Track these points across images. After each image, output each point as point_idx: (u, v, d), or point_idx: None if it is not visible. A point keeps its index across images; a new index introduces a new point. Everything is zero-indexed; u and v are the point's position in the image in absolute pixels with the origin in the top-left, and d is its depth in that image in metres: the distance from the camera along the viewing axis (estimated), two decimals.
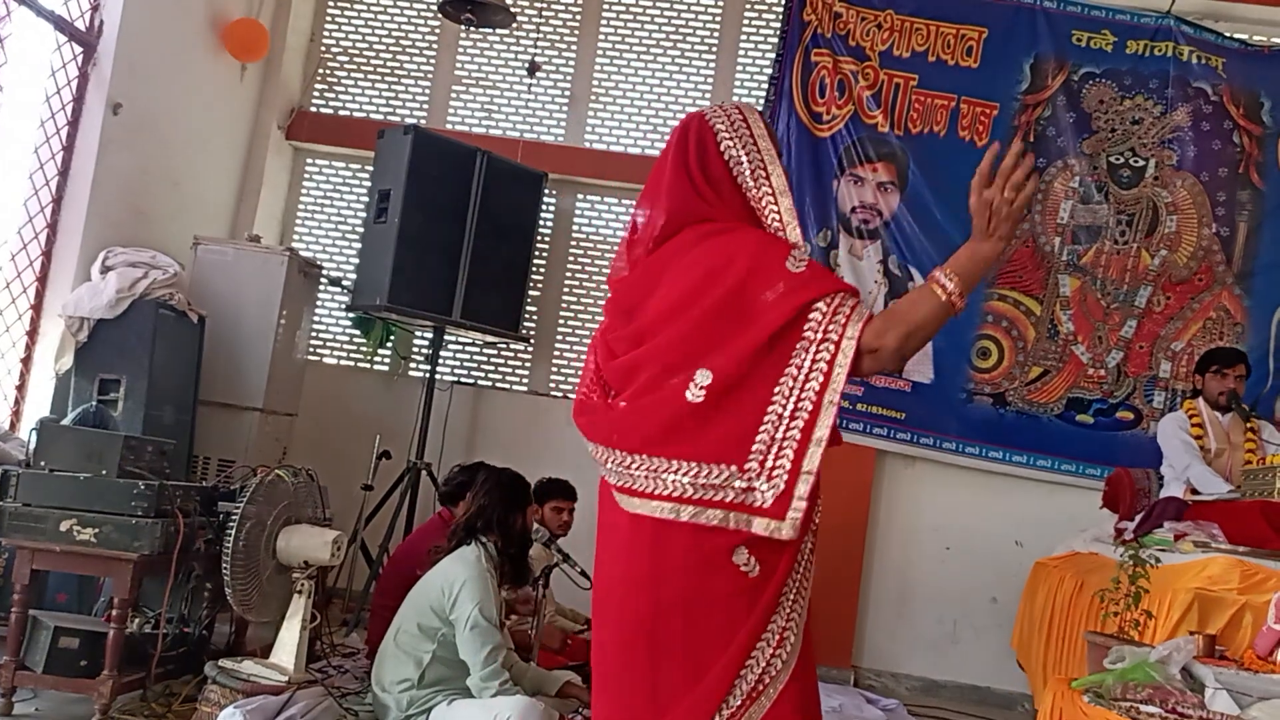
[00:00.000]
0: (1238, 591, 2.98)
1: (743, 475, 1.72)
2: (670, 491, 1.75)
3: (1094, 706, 2.31)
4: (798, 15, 5.30)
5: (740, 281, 1.77)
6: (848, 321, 1.73)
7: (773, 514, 1.71)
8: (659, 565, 1.79)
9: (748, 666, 1.74)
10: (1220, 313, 5.10)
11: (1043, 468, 5.09)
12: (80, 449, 3.28)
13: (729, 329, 1.76)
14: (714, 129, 1.91)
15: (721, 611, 1.75)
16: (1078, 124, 5.21)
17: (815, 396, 1.72)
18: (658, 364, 1.82)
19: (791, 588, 1.78)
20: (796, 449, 1.72)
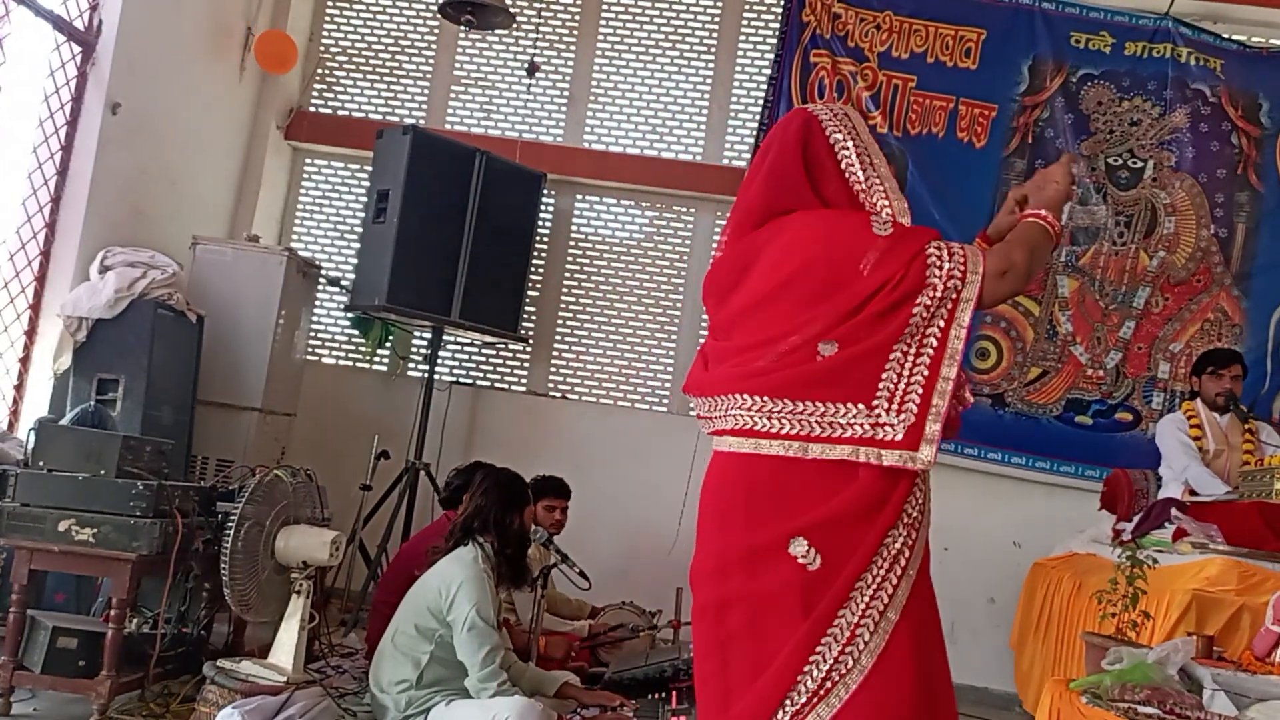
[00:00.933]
0: (1235, 593, 2.98)
1: (870, 412, 1.73)
2: (798, 430, 1.75)
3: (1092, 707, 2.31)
4: (796, 16, 5.31)
5: (828, 253, 1.80)
6: (967, 259, 1.76)
7: (905, 445, 1.73)
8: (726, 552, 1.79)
9: (812, 663, 1.70)
10: (1218, 314, 5.10)
11: (1042, 469, 5.10)
12: (79, 449, 3.28)
13: (831, 298, 1.77)
14: (819, 118, 1.95)
15: (782, 604, 1.72)
16: (1076, 125, 5.22)
17: (940, 332, 1.75)
18: (754, 344, 1.84)
19: (869, 584, 1.73)
20: (925, 383, 1.74)
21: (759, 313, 1.86)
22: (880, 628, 1.72)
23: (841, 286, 1.77)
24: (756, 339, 1.85)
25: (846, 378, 1.74)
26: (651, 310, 5.64)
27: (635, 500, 5.25)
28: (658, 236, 5.69)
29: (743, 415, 1.81)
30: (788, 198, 1.91)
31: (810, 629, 1.70)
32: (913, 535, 1.79)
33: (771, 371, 1.80)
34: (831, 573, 1.71)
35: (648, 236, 5.72)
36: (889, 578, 1.74)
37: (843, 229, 1.83)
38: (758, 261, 1.89)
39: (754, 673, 1.73)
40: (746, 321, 1.89)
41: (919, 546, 1.81)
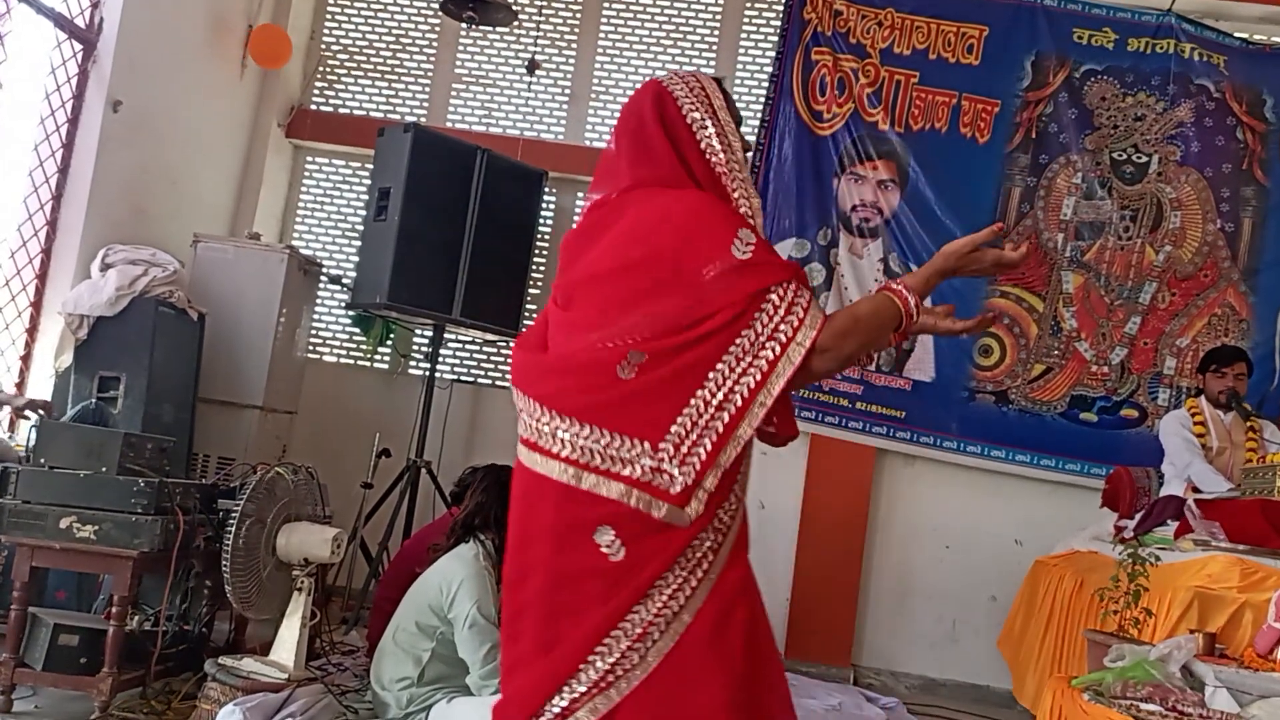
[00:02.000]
0: (1238, 590, 2.98)
1: (655, 455, 1.64)
2: (576, 456, 1.67)
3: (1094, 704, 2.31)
4: (798, 13, 5.30)
5: (676, 249, 1.71)
6: (801, 324, 1.66)
7: (677, 500, 1.64)
8: (529, 527, 1.75)
9: (597, 654, 1.65)
10: (1225, 309, 5.09)
11: (1047, 467, 5.07)
12: (80, 446, 3.28)
13: (665, 299, 1.69)
14: (673, 93, 1.86)
15: (579, 588, 1.68)
16: (1080, 120, 5.21)
17: (747, 394, 1.65)
18: (588, 324, 1.75)
19: (670, 583, 1.66)
20: (715, 441, 1.65)
21: (596, 287, 1.78)
22: (672, 628, 1.66)
23: (678, 291, 1.68)
24: (589, 318, 1.76)
25: (642, 409, 1.66)
26: None
27: None
28: None
29: (531, 424, 1.75)
30: (653, 167, 1.82)
31: (602, 620, 1.65)
32: (719, 539, 1.71)
33: (569, 388, 1.72)
34: (634, 567, 1.66)
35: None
36: (689, 580, 1.68)
37: (704, 228, 1.72)
38: (607, 232, 1.81)
39: (540, 649, 1.70)
40: (584, 294, 1.80)
41: (724, 550, 1.73)
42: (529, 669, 1.71)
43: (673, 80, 1.88)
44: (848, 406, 5.16)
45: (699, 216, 1.74)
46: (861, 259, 5.23)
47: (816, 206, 5.25)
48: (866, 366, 5.17)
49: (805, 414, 5.17)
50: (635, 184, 1.82)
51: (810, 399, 5.16)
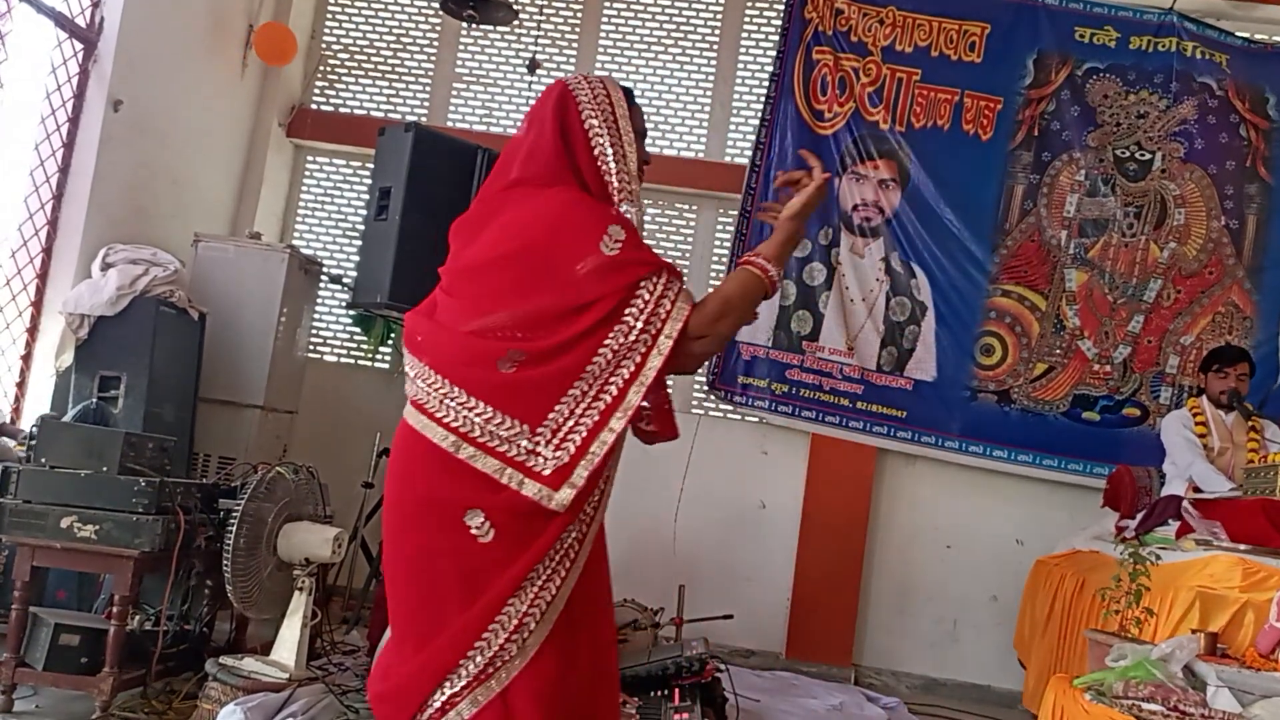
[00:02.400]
0: (1239, 590, 2.98)
1: (532, 437, 1.71)
2: (459, 425, 1.73)
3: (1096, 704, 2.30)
4: (799, 13, 5.30)
5: (548, 245, 1.77)
6: (669, 316, 1.74)
7: (549, 482, 1.70)
8: (403, 494, 1.80)
9: (477, 648, 1.71)
10: (1230, 307, 5.07)
11: (1049, 467, 5.06)
12: (81, 446, 3.28)
13: (538, 295, 1.75)
14: (576, 99, 1.91)
15: (448, 568, 1.73)
16: (1082, 117, 5.20)
17: (621, 386, 1.73)
18: (466, 313, 1.81)
19: (542, 574, 1.73)
20: (590, 430, 1.72)
21: (475, 279, 1.84)
22: (546, 618, 1.74)
23: (551, 286, 1.75)
24: (466, 308, 1.82)
25: (522, 395, 1.73)
26: None
27: (637, 497, 5.23)
28: (659, 233, 5.68)
29: (422, 388, 1.80)
30: (542, 167, 1.87)
31: (479, 614, 1.71)
32: (584, 529, 1.79)
33: (460, 360, 1.78)
34: (505, 556, 1.72)
35: (649, 233, 5.71)
36: (559, 570, 1.75)
37: (574, 224, 1.78)
38: (491, 224, 1.88)
39: (413, 631, 1.76)
40: (464, 284, 1.86)
41: (589, 541, 1.81)
42: (407, 663, 1.76)
43: (579, 84, 1.94)
44: (848, 406, 5.15)
45: (570, 213, 1.81)
46: (863, 258, 5.22)
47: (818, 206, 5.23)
48: (867, 366, 5.16)
49: (806, 413, 5.17)
50: (521, 180, 1.88)
51: (811, 399, 5.16)
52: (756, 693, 4.17)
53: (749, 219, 5.27)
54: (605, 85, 1.94)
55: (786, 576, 5.19)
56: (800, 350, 5.19)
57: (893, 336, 5.17)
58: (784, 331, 5.21)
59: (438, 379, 1.78)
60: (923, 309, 5.17)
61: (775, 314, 5.22)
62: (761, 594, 5.18)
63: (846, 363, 5.16)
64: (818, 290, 5.22)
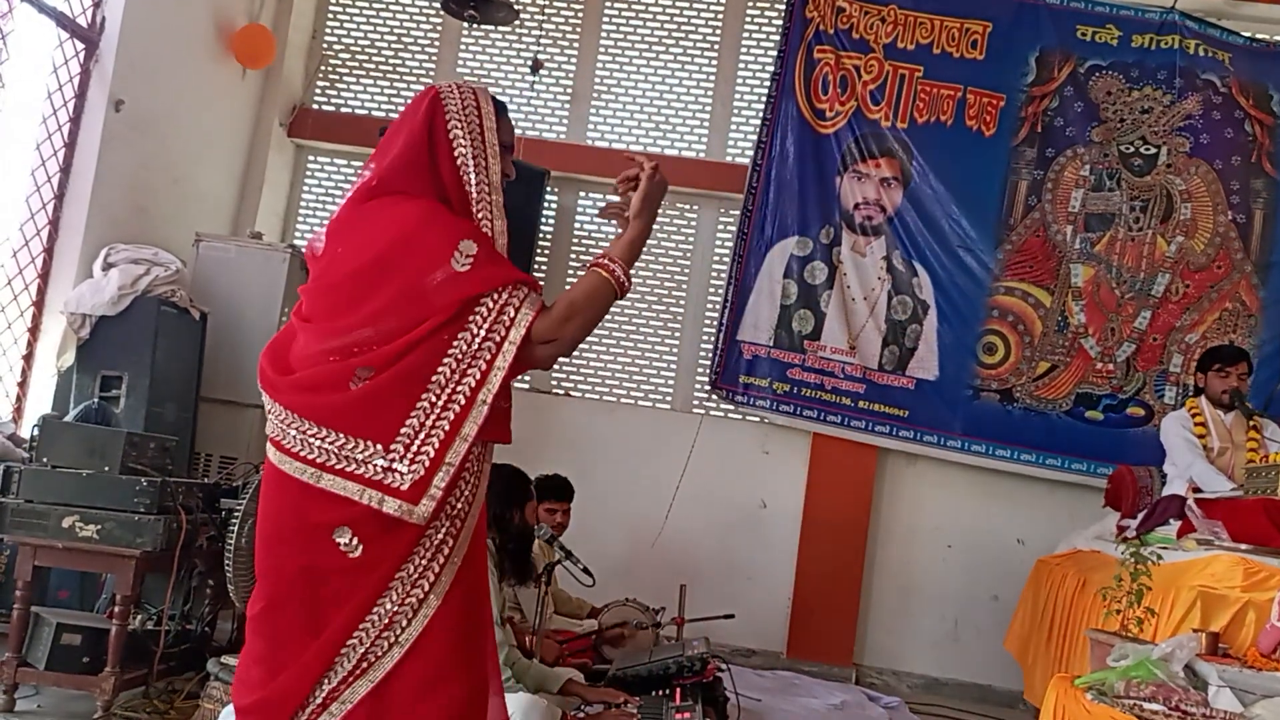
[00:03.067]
0: (1241, 589, 2.97)
1: (386, 455, 1.74)
2: (315, 456, 1.76)
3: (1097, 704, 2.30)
4: (800, 12, 5.30)
5: (400, 259, 1.79)
6: (513, 323, 1.78)
7: (407, 497, 1.73)
8: (278, 527, 1.83)
9: (349, 645, 1.75)
10: (1236, 304, 5.06)
11: (1053, 466, 5.05)
12: (82, 445, 3.28)
13: (390, 309, 1.77)
14: (445, 108, 1.93)
15: (327, 586, 1.77)
16: (1086, 113, 5.20)
17: (469, 394, 1.76)
18: (321, 334, 1.82)
19: (411, 574, 1.76)
20: (442, 440, 1.75)
21: (329, 295, 1.86)
22: (420, 613, 1.77)
23: (402, 299, 1.77)
24: (323, 330, 1.83)
25: (373, 413, 1.75)
26: (655, 307, 5.64)
27: (638, 497, 5.25)
28: (661, 233, 5.68)
29: (276, 424, 1.83)
30: (404, 179, 1.89)
31: (350, 614, 1.75)
32: (456, 526, 1.81)
33: (308, 394, 1.80)
34: (373, 561, 1.76)
35: (650, 233, 5.70)
36: (431, 567, 1.78)
37: (428, 238, 1.81)
38: (347, 238, 1.90)
39: (299, 646, 1.79)
40: (318, 300, 1.88)
41: (465, 535, 1.83)
42: (289, 666, 1.78)
43: (449, 93, 1.95)
44: (850, 405, 5.15)
45: (425, 228, 1.83)
46: (864, 257, 5.22)
47: (819, 205, 5.24)
48: (869, 365, 5.15)
49: (807, 413, 5.17)
50: (381, 188, 1.90)
51: (813, 398, 5.16)
52: (758, 692, 4.17)
53: (750, 218, 5.27)
54: (476, 95, 1.97)
55: (788, 576, 5.19)
56: (802, 349, 5.19)
57: (895, 335, 5.17)
58: (785, 330, 5.21)
59: (288, 414, 1.79)
60: (925, 307, 5.16)
61: (777, 313, 5.22)
62: (763, 593, 5.18)
63: (848, 361, 5.16)
64: (819, 289, 5.21)
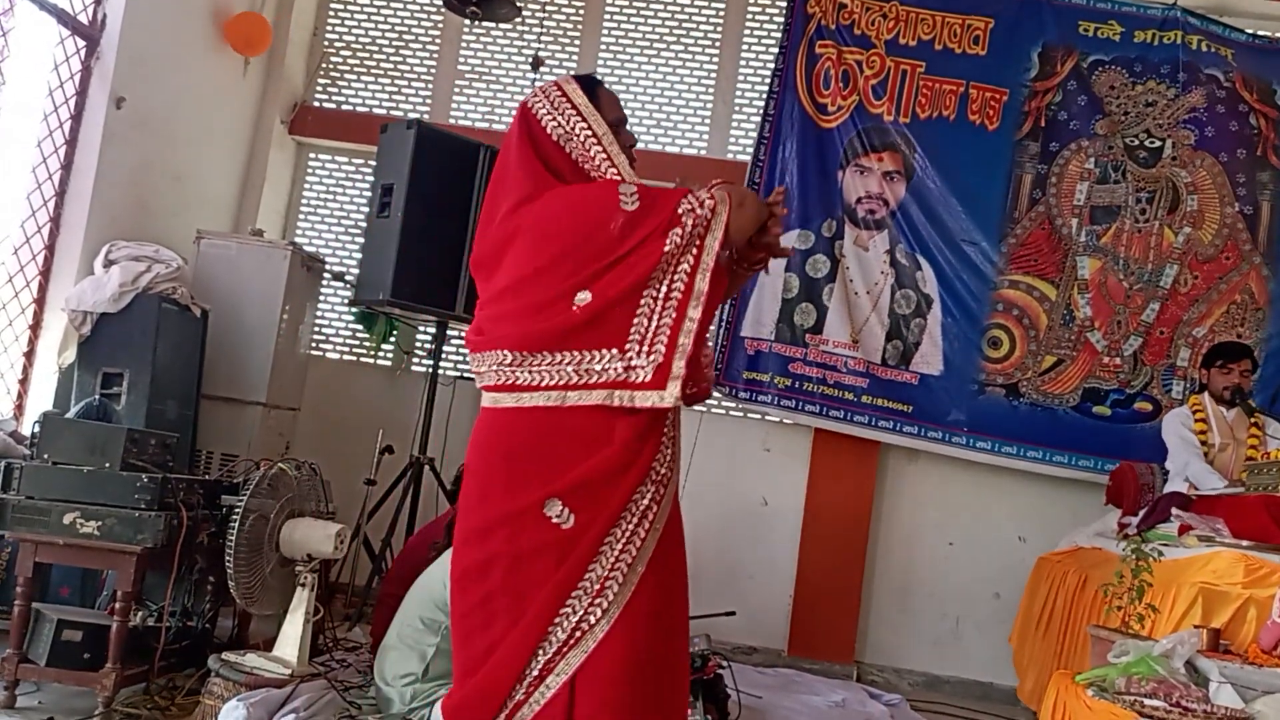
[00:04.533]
0: (1242, 586, 2.97)
1: (623, 356, 1.81)
2: (556, 380, 1.84)
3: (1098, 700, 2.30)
4: (801, 8, 5.29)
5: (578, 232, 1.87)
6: (713, 214, 1.85)
7: (653, 385, 1.79)
8: (486, 518, 1.87)
9: (563, 614, 1.79)
10: (1245, 296, 5.03)
11: (1060, 463, 5.01)
12: (83, 442, 3.29)
13: (584, 260, 1.85)
14: (536, 113, 2.01)
15: (539, 559, 1.81)
16: (1090, 107, 5.18)
17: (686, 279, 1.83)
18: (532, 303, 1.89)
19: (618, 540, 1.81)
20: (672, 324, 1.81)
21: (523, 289, 1.92)
22: (628, 580, 1.82)
23: (593, 248, 1.85)
24: (525, 305, 1.91)
25: (602, 325, 1.83)
26: None
27: None
28: None
29: (505, 370, 1.89)
30: (529, 184, 1.96)
31: (561, 582, 1.80)
32: (660, 491, 1.87)
33: (530, 327, 1.87)
34: (582, 529, 1.81)
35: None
36: (637, 532, 1.83)
37: (587, 202, 1.90)
38: (514, 243, 1.94)
39: (510, 622, 1.83)
40: (512, 298, 1.94)
41: (666, 502, 1.89)
42: (506, 641, 1.82)
43: (535, 98, 2.03)
44: (853, 400, 5.14)
45: (580, 195, 1.92)
46: (867, 251, 5.21)
47: (821, 199, 5.23)
48: (871, 360, 5.14)
49: (809, 407, 5.16)
50: (518, 203, 1.96)
51: (815, 392, 5.15)
52: (759, 689, 4.17)
53: None
54: (559, 85, 2.02)
55: (789, 573, 5.19)
56: (804, 343, 5.18)
57: (898, 329, 5.16)
58: (787, 325, 5.20)
59: (516, 355, 1.87)
60: (928, 301, 5.16)
61: (779, 307, 5.21)
62: (764, 591, 5.18)
63: (851, 356, 5.15)
64: (821, 283, 5.21)
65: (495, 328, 1.93)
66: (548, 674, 1.78)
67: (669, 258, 1.83)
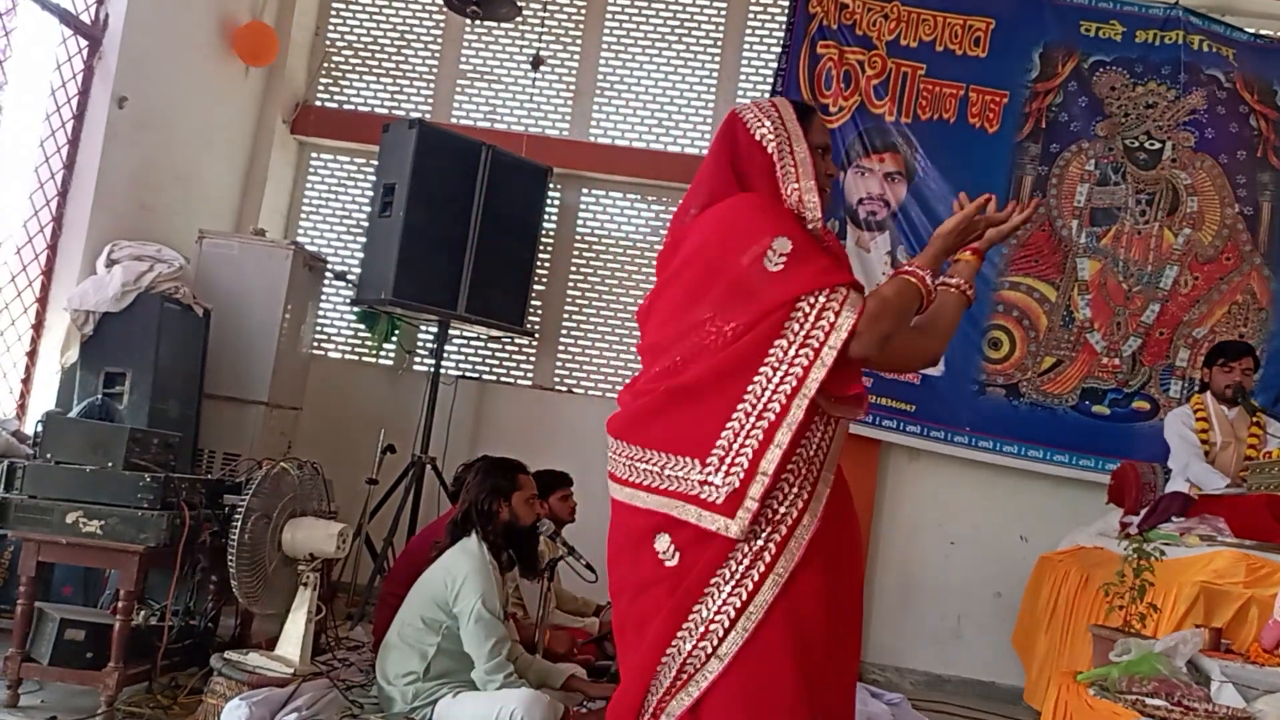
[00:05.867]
0: (1243, 585, 2.98)
1: (703, 469, 1.72)
2: (640, 480, 1.79)
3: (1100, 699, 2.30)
4: (803, 7, 5.29)
5: (719, 245, 1.79)
6: (833, 328, 1.70)
7: (723, 511, 1.70)
8: (614, 546, 1.88)
9: (668, 655, 1.74)
10: (1247, 296, 5.03)
11: (1060, 462, 5.02)
12: (86, 441, 3.29)
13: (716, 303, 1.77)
14: (743, 118, 1.95)
15: (649, 597, 1.78)
16: (1090, 108, 5.18)
17: (785, 400, 1.70)
18: (657, 350, 1.86)
19: (728, 581, 1.72)
20: (756, 449, 1.70)
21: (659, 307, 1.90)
22: (739, 625, 1.71)
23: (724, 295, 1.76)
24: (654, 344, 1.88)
25: (687, 426, 1.75)
26: None
27: None
28: (664, 230, 5.68)
29: (613, 459, 1.89)
30: (711, 190, 1.91)
31: (666, 621, 1.73)
32: (781, 532, 1.73)
33: (629, 413, 1.85)
34: (687, 566, 1.74)
35: (654, 230, 5.71)
36: (750, 574, 1.72)
37: (742, 219, 1.79)
38: (673, 260, 1.92)
39: (631, 654, 1.82)
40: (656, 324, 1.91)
41: (793, 545, 1.73)
42: (624, 678, 1.83)
43: (745, 107, 1.98)
44: None
45: (739, 209, 1.83)
46: (869, 252, 5.21)
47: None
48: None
49: None
50: (699, 211, 1.91)
51: None
52: None
53: None
54: (773, 103, 1.97)
55: None
56: None
57: None
58: None
59: (618, 444, 1.86)
60: None
61: None
62: None
63: None
64: None
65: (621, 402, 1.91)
66: (660, 713, 1.74)
67: (762, 382, 1.71)
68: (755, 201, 1.82)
